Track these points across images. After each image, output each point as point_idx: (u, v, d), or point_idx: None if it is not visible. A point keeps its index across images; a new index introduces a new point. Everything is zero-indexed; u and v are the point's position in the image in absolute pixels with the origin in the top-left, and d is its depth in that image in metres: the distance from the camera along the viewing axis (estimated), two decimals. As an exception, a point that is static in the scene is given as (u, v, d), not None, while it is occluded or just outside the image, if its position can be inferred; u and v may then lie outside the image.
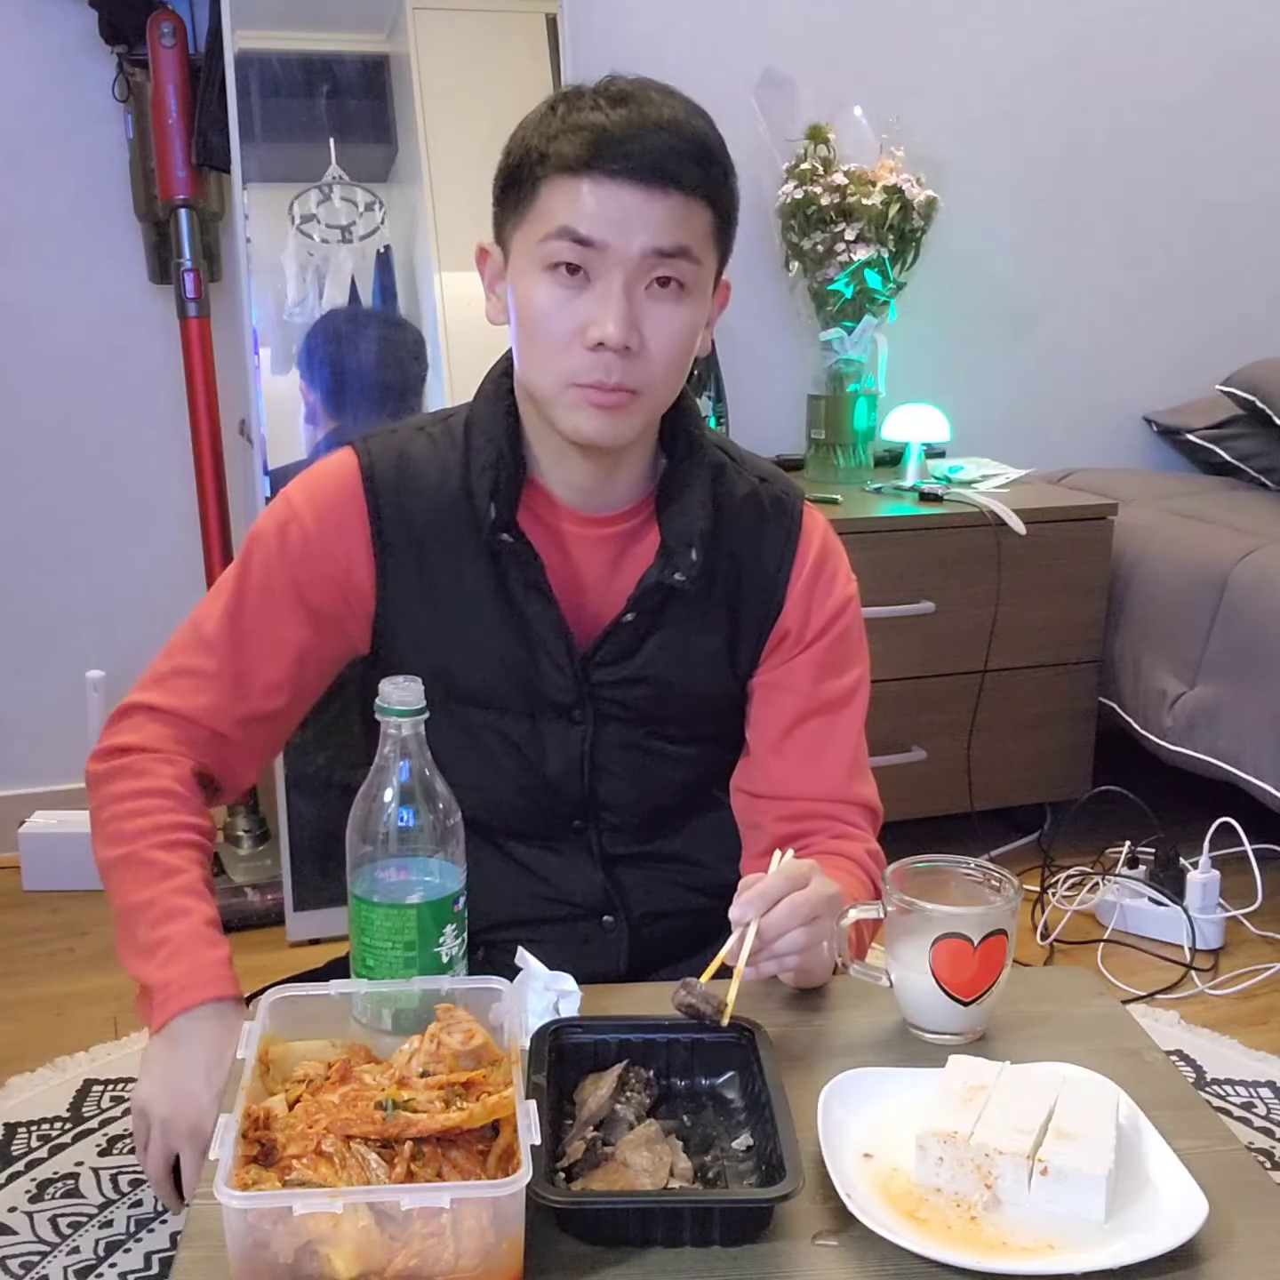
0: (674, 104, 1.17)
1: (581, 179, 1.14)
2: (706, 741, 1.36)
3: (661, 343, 1.18)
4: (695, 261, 1.17)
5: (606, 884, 1.34)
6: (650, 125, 1.14)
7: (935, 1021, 1.12)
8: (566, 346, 1.17)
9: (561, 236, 1.15)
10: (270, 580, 1.28)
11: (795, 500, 1.35)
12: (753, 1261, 0.88)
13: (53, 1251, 1.62)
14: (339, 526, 1.27)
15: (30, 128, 2.44)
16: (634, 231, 1.14)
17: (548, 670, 1.28)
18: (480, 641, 1.27)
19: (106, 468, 2.61)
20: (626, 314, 1.15)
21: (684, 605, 1.29)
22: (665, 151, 1.14)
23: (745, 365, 2.79)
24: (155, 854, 1.22)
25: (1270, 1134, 1.91)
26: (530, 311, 1.19)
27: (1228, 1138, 1.02)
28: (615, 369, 1.16)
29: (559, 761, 1.31)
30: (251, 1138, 0.89)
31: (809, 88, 2.71)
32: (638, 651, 1.29)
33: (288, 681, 1.30)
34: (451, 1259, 0.83)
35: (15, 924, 2.43)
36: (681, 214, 1.16)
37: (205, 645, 1.29)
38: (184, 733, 1.28)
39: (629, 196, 1.14)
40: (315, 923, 2.32)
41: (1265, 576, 2.48)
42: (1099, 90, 3.01)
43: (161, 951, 1.18)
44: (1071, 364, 3.12)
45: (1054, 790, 2.72)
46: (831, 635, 1.33)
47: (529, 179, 1.17)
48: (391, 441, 1.30)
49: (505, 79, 2.40)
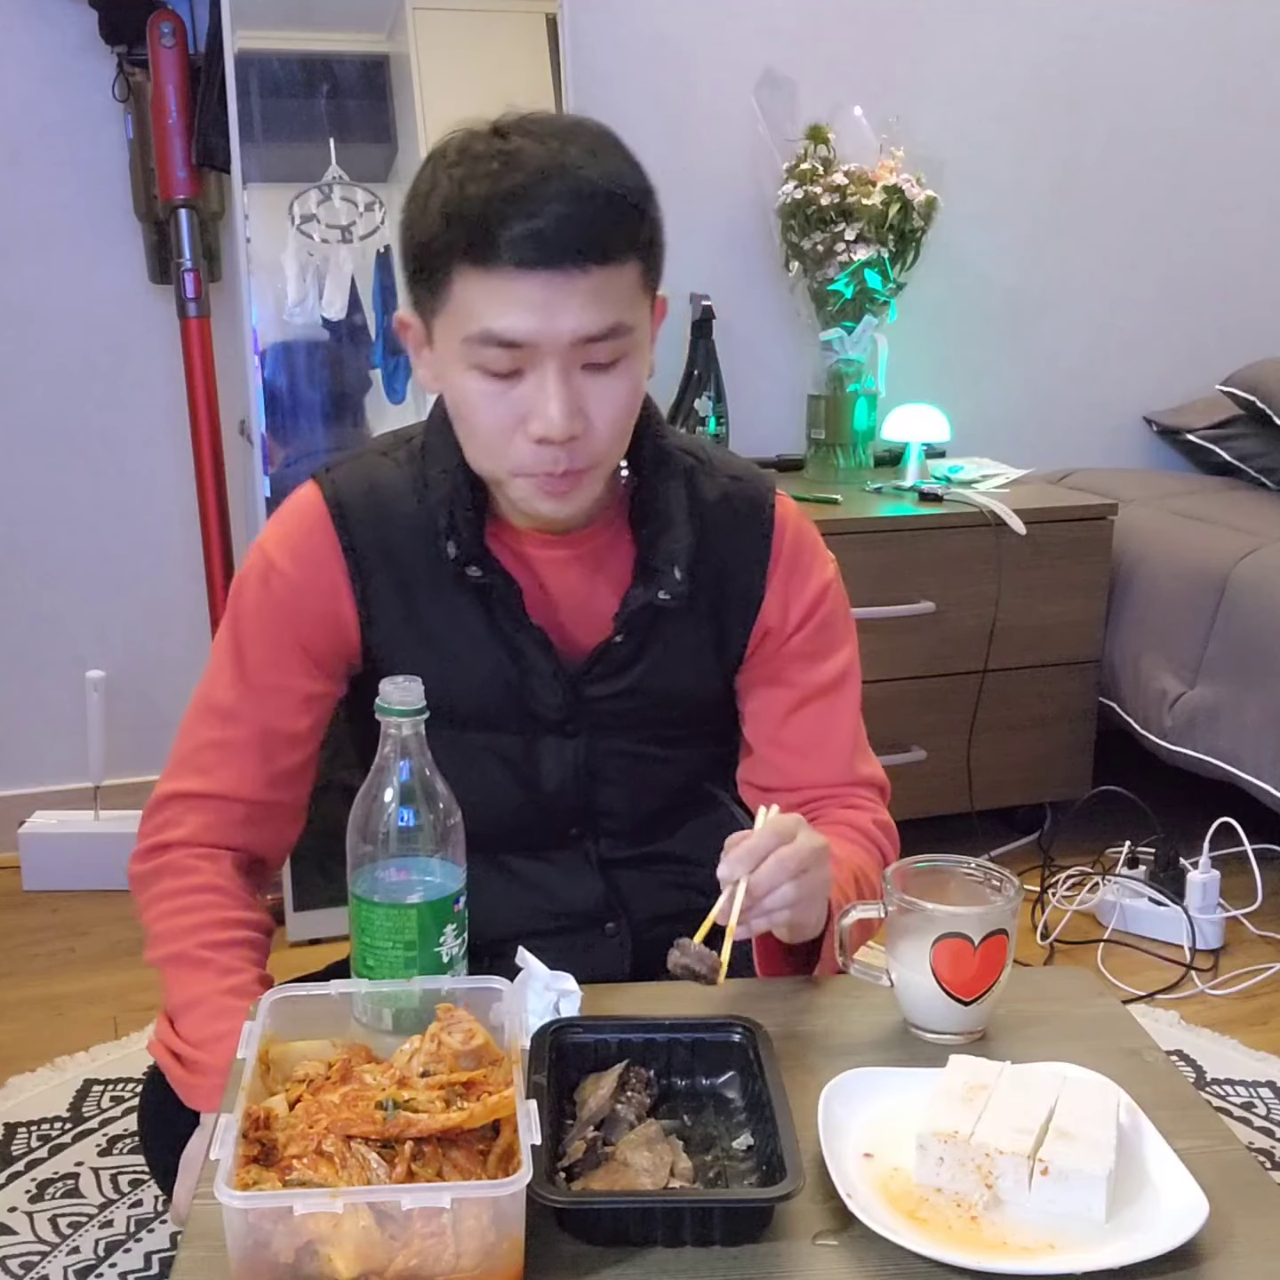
0: (578, 150, 1.09)
1: (492, 273, 1.07)
2: (699, 740, 1.36)
3: (607, 418, 1.14)
4: (628, 331, 1.12)
5: (606, 891, 1.34)
6: (557, 193, 1.05)
7: (935, 1021, 1.11)
8: (508, 440, 1.13)
9: (485, 342, 1.09)
10: (266, 634, 1.26)
11: (767, 496, 1.32)
12: (753, 1261, 0.88)
13: (53, 1251, 1.62)
14: (317, 565, 1.25)
15: (30, 128, 2.44)
16: (560, 320, 1.08)
17: (539, 689, 1.27)
18: (469, 664, 1.26)
19: (106, 468, 2.61)
20: (567, 403, 1.10)
21: (672, 617, 1.28)
22: (579, 226, 1.06)
23: (745, 365, 2.79)
24: (205, 953, 1.21)
25: (1270, 1134, 1.91)
26: (464, 406, 1.14)
27: (1228, 1138, 1.02)
28: (562, 458, 1.13)
29: (555, 775, 1.31)
30: (252, 1138, 0.88)
31: (809, 88, 2.71)
32: (630, 668, 1.28)
33: (309, 729, 1.29)
34: (452, 1259, 0.83)
35: (15, 924, 2.43)
36: (607, 288, 1.09)
37: (221, 716, 1.27)
38: (221, 814, 1.27)
39: (548, 286, 1.07)
40: (315, 923, 2.32)
41: (1265, 577, 2.48)
42: (1099, 90, 3.01)
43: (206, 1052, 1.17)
44: (1071, 364, 3.12)
45: (1054, 790, 2.72)
46: (814, 623, 1.32)
47: (438, 266, 1.10)
48: (357, 470, 1.28)
49: (505, 79, 2.40)
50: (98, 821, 2.56)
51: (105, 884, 2.48)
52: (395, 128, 2.33)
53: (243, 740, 1.27)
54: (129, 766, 2.63)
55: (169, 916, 1.24)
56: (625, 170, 1.12)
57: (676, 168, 2.74)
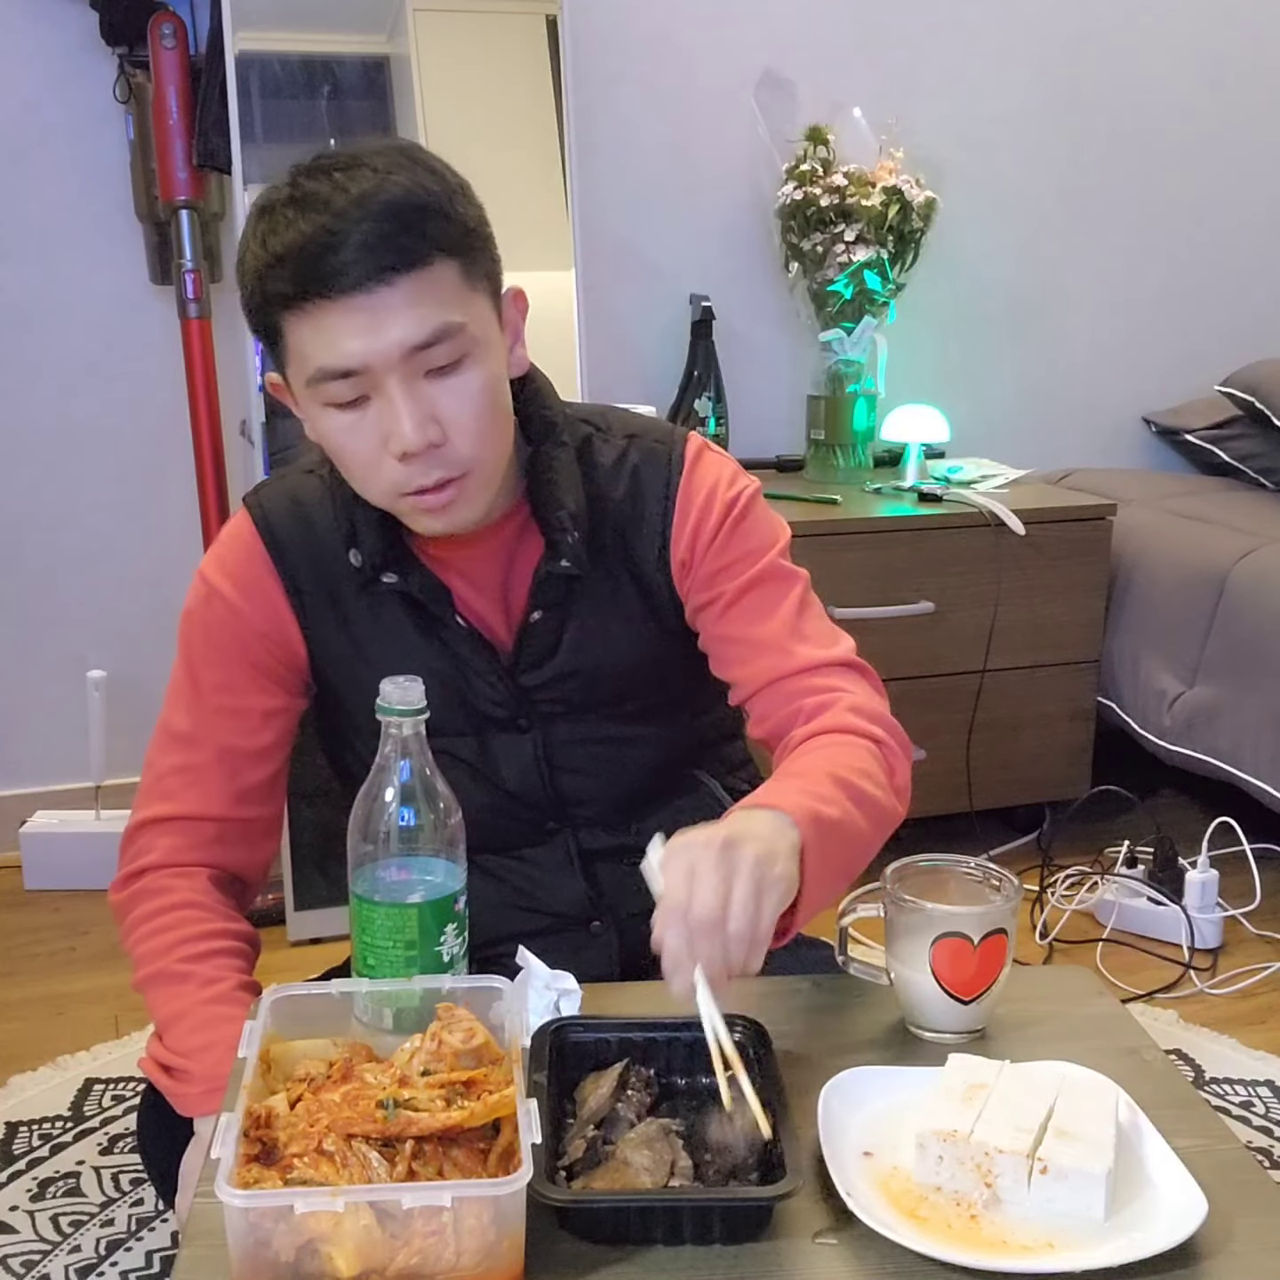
0: (367, 171, 1.10)
1: (308, 312, 1.10)
2: (662, 713, 1.33)
3: (464, 421, 1.14)
4: (459, 329, 1.12)
5: (589, 891, 1.32)
6: (349, 221, 1.08)
7: (935, 1020, 1.12)
8: (377, 465, 1.15)
9: (323, 379, 1.12)
10: (216, 657, 1.28)
11: (671, 445, 1.29)
12: (753, 1260, 0.88)
13: (54, 1250, 1.63)
14: (254, 587, 1.28)
15: (31, 129, 2.45)
16: (383, 336, 1.09)
17: (480, 687, 1.28)
18: (408, 669, 1.20)
19: (107, 468, 2.61)
20: (416, 414, 1.11)
21: (587, 587, 1.27)
22: (374, 246, 1.08)
23: (745, 365, 2.79)
24: (185, 966, 1.21)
25: (1269, 1133, 1.91)
26: (330, 443, 1.17)
27: (1227, 1136, 1.02)
28: (431, 469, 1.14)
29: (515, 771, 1.30)
30: (253, 1136, 0.89)
31: (808, 89, 2.71)
32: (558, 646, 1.28)
33: (272, 744, 1.30)
34: (452, 1257, 0.83)
35: (16, 923, 2.43)
36: (421, 294, 1.10)
37: (182, 741, 1.29)
38: (191, 834, 1.28)
39: (359, 308, 1.09)
40: (316, 922, 2.32)
41: (1264, 577, 2.48)
42: (1099, 91, 3.01)
43: (192, 1060, 1.18)
44: (1071, 364, 3.13)
45: (1053, 790, 2.72)
46: (723, 533, 1.27)
47: (267, 320, 1.14)
48: (282, 489, 1.30)
49: (505, 79, 2.41)
50: (99, 821, 2.56)
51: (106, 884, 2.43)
52: (396, 129, 2.33)
53: (204, 762, 1.28)
54: (130, 766, 2.61)
55: (147, 939, 1.24)
56: (419, 178, 1.12)
57: (677, 168, 2.74)
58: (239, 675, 1.28)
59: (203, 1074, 1.16)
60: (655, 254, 2.74)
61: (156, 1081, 1.20)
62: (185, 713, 1.29)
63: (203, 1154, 1.13)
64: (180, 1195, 1.18)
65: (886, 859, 1.17)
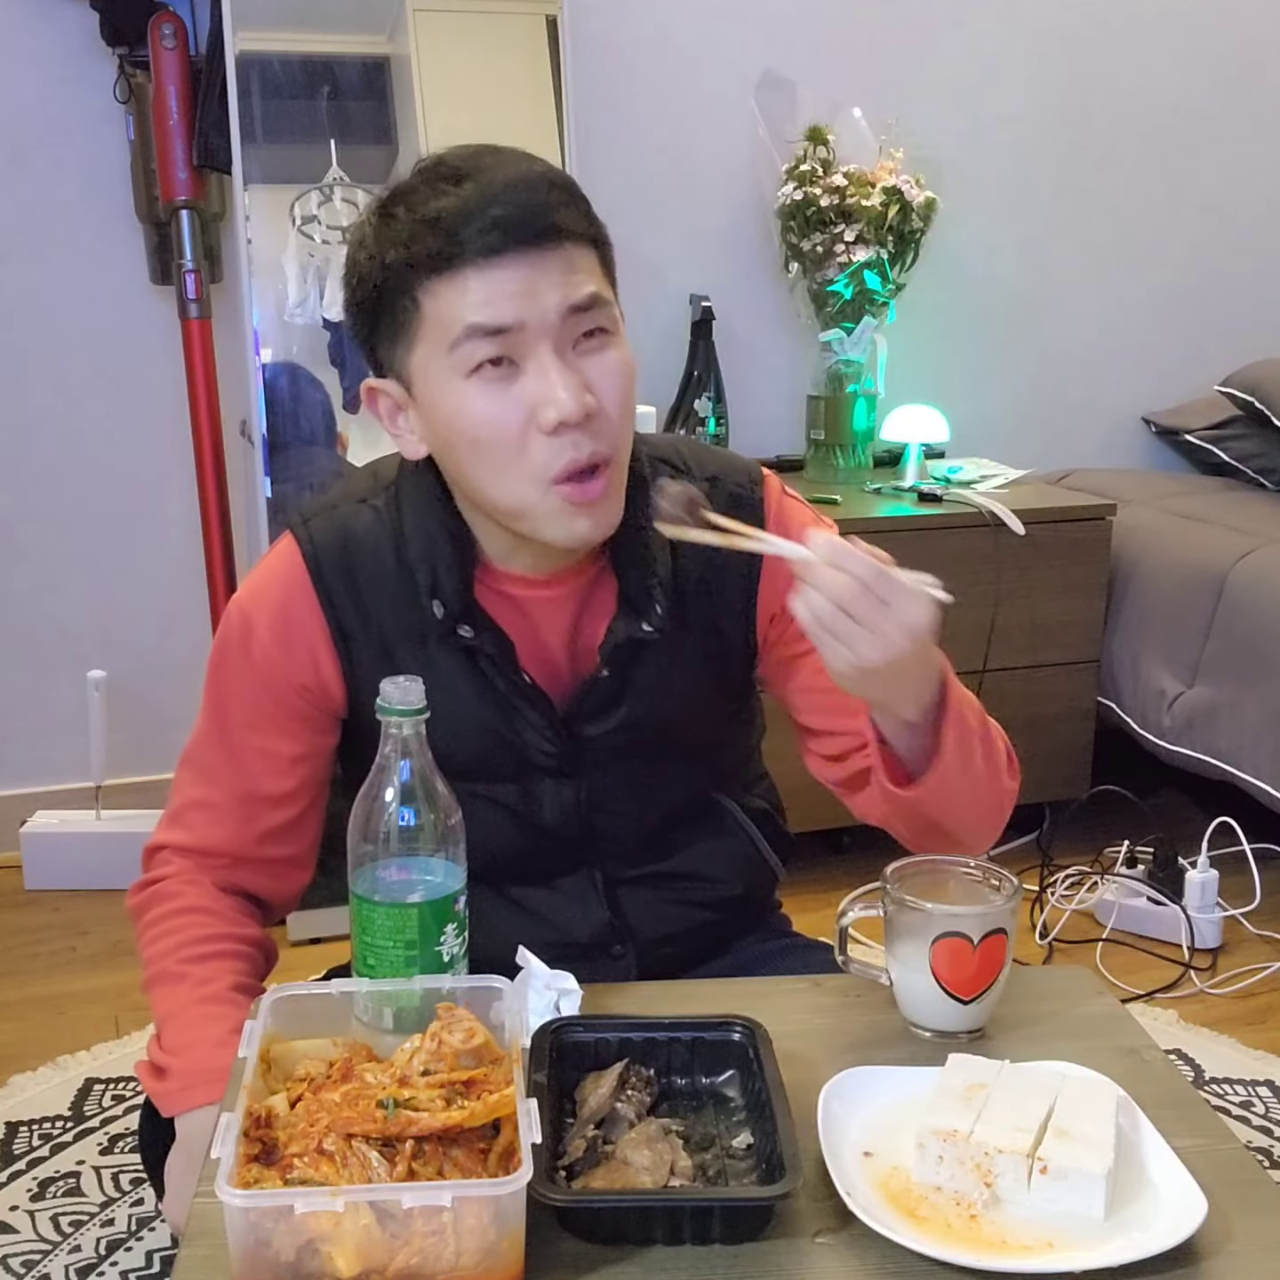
0: (508, 155, 1.11)
1: (463, 271, 1.06)
2: (698, 751, 1.31)
3: (612, 393, 1.11)
4: (607, 303, 1.12)
5: (612, 919, 1.30)
6: (506, 186, 1.07)
7: (935, 1020, 1.12)
8: (523, 444, 1.09)
9: (472, 336, 1.07)
10: (247, 700, 1.24)
11: (751, 489, 1.27)
12: (753, 1260, 0.89)
13: (54, 1250, 1.63)
14: (296, 629, 1.22)
15: (32, 129, 2.45)
16: (543, 296, 1.07)
17: (532, 738, 1.23)
18: (457, 719, 1.20)
19: (108, 468, 2.61)
20: (572, 380, 1.08)
21: (657, 646, 1.23)
22: (537, 207, 1.07)
23: (745, 366, 2.79)
24: (183, 967, 1.22)
25: (1269, 1132, 1.91)
26: (468, 424, 1.10)
27: (1226, 1136, 1.02)
28: (583, 441, 1.09)
29: (553, 812, 1.27)
30: (253, 1136, 0.89)
31: (808, 89, 2.71)
32: (620, 702, 1.24)
33: (296, 789, 1.27)
34: (452, 1257, 0.83)
35: (17, 923, 2.43)
36: (580, 259, 1.10)
37: (207, 776, 1.27)
38: (209, 864, 1.28)
39: (522, 266, 1.07)
40: (316, 922, 2.32)
41: (1263, 577, 2.48)
42: (1098, 91, 3.01)
43: (175, 1057, 1.18)
44: (1071, 364, 3.13)
45: (1053, 790, 2.72)
46: None
47: (403, 297, 1.10)
48: (334, 520, 1.23)
49: (505, 79, 2.41)
50: (99, 821, 2.56)
51: (106, 883, 2.48)
52: (396, 129, 2.34)
53: (224, 801, 1.26)
54: (130, 766, 2.63)
55: (154, 941, 1.25)
56: (571, 179, 1.14)
57: (677, 168, 2.74)
58: (268, 720, 1.24)
59: (181, 1070, 1.16)
60: (655, 254, 2.74)
61: (144, 1084, 1.21)
62: (209, 747, 1.27)
63: (184, 1155, 1.14)
64: (166, 1197, 1.17)
65: (886, 858, 1.17)
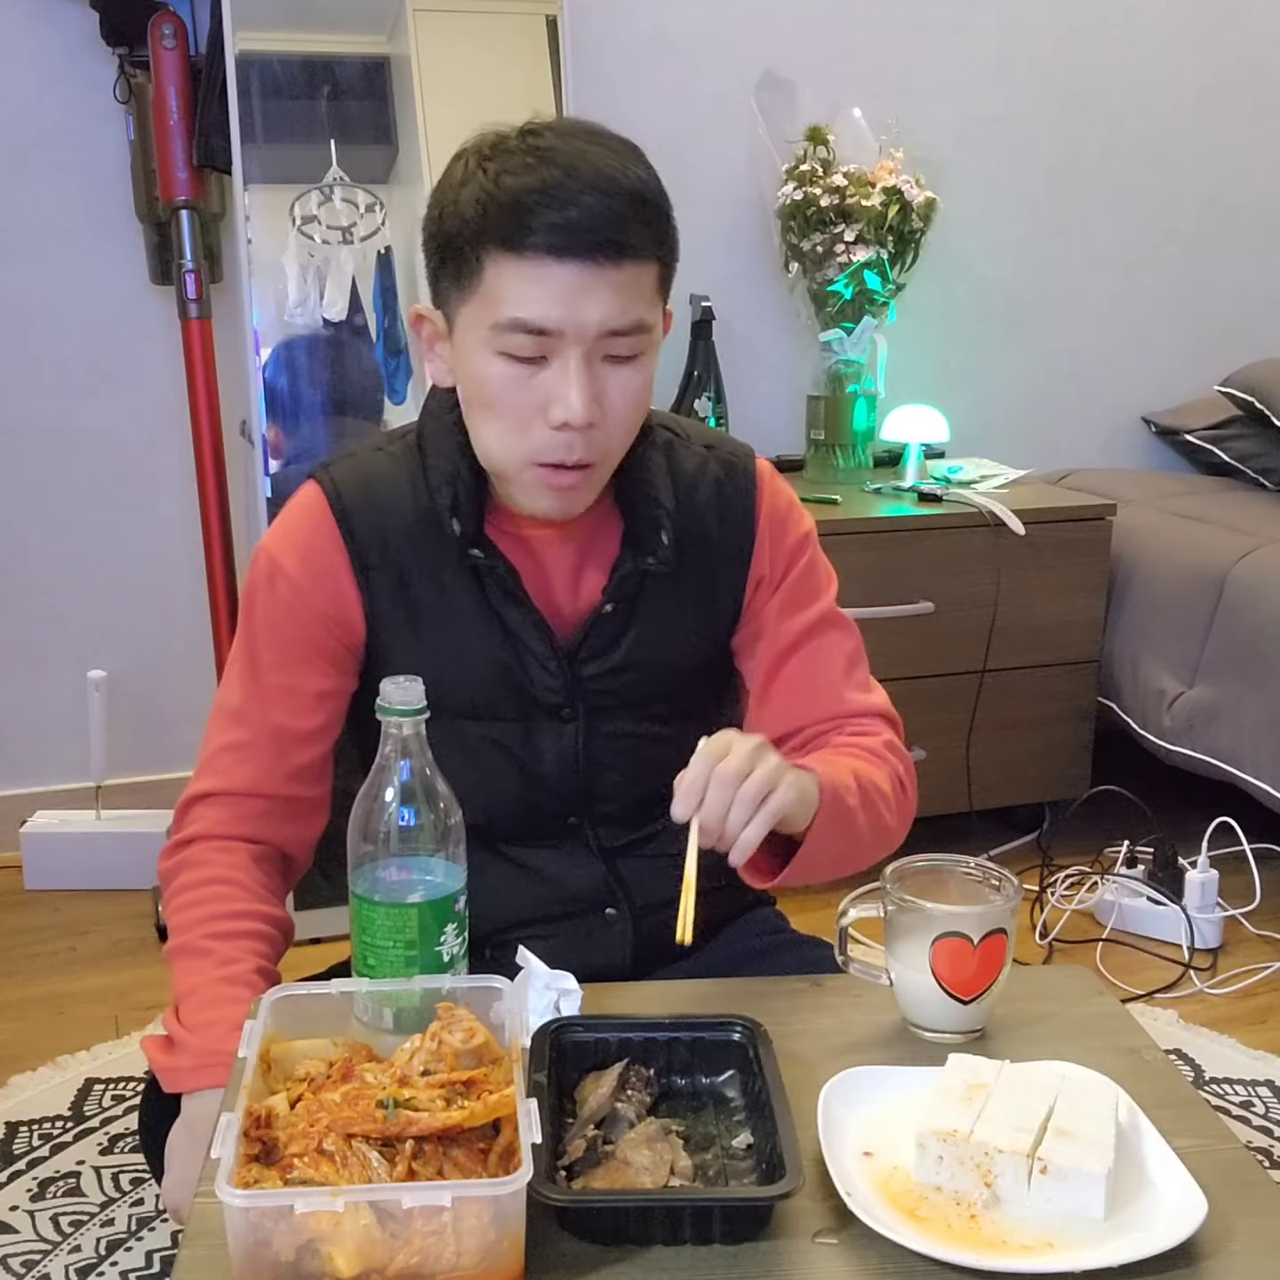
0: (606, 151, 1.13)
1: (525, 259, 1.11)
2: (687, 718, 1.35)
3: (620, 411, 1.17)
4: (648, 330, 1.17)
5: (607, 874, 1.34)
6: (590, 187, 1.10)
7: (935, 1020, 1.12)
8: (527, 425, 1.16)
9: (514, 329, 1.13)
10: (276, 637, 1.29)
11: (745, 458, 1.36)
12: (753, 1260, 0.89)
13: (54, 1250, 1.63)
14: (321, 565, 1.28)
15: (31, 129, 2.45)
16: (587, 310, 1.12)
17: (536, 673, 1.29)
18: (468, 653, 1.28)
19: (107, 468, 2.61)
20: (589, 390, 1.14)
21: (659, 586, 1.30)
22: (610, 219, 1.10)
23: (745, 365, 2.79)
24: (208, 943, 1.22)
25: (1269, 1133, 1.91)
26: (485, 389, 1.17)
27: (1226, 1136, 1.02)
28: (578, 445, 1.16)
29: (553, 761, 1.32)
30: (253, 1136, 0.89)
31: (808, 89, 2.71)
32: (621, 639, 1.30)
33: (322, 726, 1.31)
34: (452, 1257, 0.83)
35: (17, 923, 2.43)
36: (633, 283, 1.14)
37: (235, 719, 1.30)
38: (239, 809, 1.29)
39: (578, 275, 1.11)
40: (316, 922, 2.31)
41: (1264, 577, 2.48)
42: (1098, 91, 3.01)
43: (192, 1034, 1.18)
44: (1071, 364, 3.13)
45: (1053, 790, 2.72)
46: (795, 573, 1.35)
47: (469, 253, 1.14)
48: (353, 465, 1.31)
49: (505, 79, 2.41)
50: (99, 821, 2.56)
51: (107, 883, 2.48)
52: (396, 129, 2.33)
53: (256, 740, 1.29)
54: (130, 766, 2.63)
55: (180, 910, 1.26)
56: (649, 177, 1.17)
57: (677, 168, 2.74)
58: (296, 656, 1.29)
59: (197, 1048, 1.17)
60: (655, 254, 2.73)
61: (150, 1059, 1.21)
62: (240, 690, 1.30)
63: (187, 1135, 1.14)
64: (166, 1176, 1.17)
65: (887, 859, 1.17)
